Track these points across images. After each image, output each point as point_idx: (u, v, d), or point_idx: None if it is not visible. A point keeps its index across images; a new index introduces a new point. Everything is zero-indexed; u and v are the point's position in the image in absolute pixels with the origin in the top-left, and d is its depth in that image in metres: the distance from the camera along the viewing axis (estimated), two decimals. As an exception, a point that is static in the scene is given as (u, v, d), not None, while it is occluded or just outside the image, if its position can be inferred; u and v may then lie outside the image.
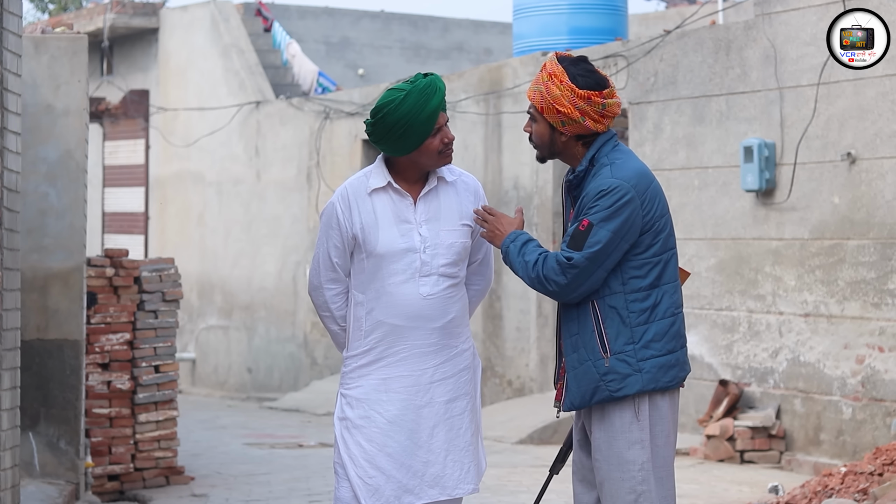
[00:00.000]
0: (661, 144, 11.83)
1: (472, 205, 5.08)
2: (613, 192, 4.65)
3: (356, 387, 5.02)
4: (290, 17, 21.10)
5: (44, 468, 8.58)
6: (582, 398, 4.72)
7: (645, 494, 4.70)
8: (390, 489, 4.92)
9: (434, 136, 4.93)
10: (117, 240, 19.60)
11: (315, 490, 9.56)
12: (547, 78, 4.75)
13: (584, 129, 4.74)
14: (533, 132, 4.84)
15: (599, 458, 4.75)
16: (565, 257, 4.66)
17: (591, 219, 4.64)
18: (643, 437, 4.71)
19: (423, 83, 4.92)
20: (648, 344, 4.69)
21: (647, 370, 4.69)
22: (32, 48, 8.72)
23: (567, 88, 4.70)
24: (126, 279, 9.52)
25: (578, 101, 4.70)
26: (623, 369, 4.68)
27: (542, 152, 4.87)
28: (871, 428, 9.92)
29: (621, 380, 4.68)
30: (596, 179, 4.71)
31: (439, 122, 4.93)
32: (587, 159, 4.75)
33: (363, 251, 4.99)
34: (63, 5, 27.81)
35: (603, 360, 4.68)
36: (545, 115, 4.76)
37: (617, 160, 4.74)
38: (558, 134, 4.77)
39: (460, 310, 5.05)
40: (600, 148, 4.76)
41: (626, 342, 4.68)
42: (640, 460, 4.71)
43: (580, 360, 4.72)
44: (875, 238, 9.96)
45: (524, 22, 14.13)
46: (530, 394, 13.28)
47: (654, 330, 4.70)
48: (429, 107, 4.89)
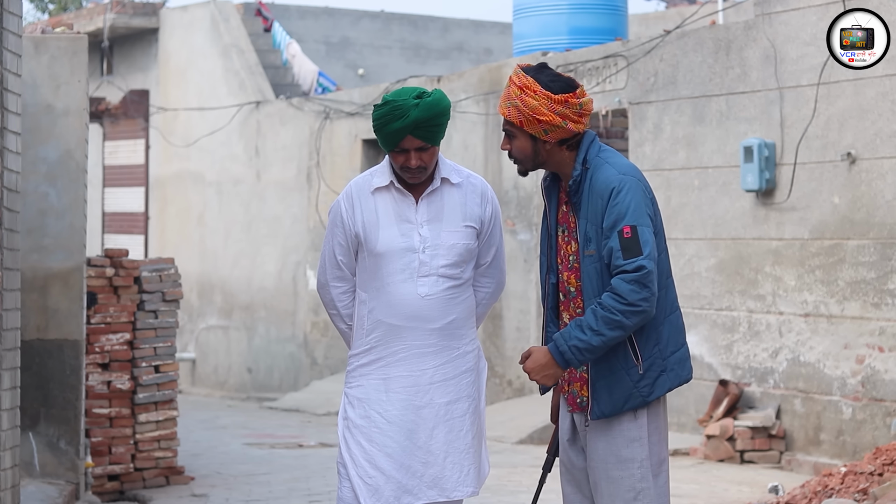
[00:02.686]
0: (661, 144, 11.83)
1: (479, 206, 5.05)
2: (626, 188, 4.63)
3: (357, 386, 5.03)
4: (290, 17, 21.10)
5: (44, 468, 8.58)
6: (614, 406, 4.68)
7: (644, 492, 4.69)
8: (389, 489, 4.92)
9: (398, 154, 4.91)
10: (117, 240, 19.60)
11: (315, 490, 9.56)
12: (519, 91, 4.69)
13: (566, 133, 4.70)
14: (513, 148, 4.75)
15: (596, 458, 4.74)
16: (634, 268, 4.54)
17: (629, 222, 4.58)
18: (641, 435, 4.71)
19: (399, 102, 4.86)
20: (668, 341, 4.69)
21: (672, 367, 4.69)
22: (32, 48, 8.72)
23: (543, 97, 4.66)
24: (126, 279, 9.51)
25: (557, 106, 4.66)
26: (654, 372, 4.67)
27: (527, 165, 4.77)
28: (871, 428, 9.92)
29: (653, 383, 4.67)
30: (600, 178, 4.67)
31: (405, 144, 4.87)
32: (579, 163, 4.71)
33: (365, 250, 4.99)
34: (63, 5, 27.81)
35: (636, 367, 4.65)
36: (526, 128, 4.69)
37: (609, 158, 4.72)
38: (541, 143, 4.71)
39: (463, 311, 5.03)
40: (588, 149, 4.73)
41: (654, 344, 4.67)
42: (639, 458, 4.70)
43: (611, 370, 4.67)
44: (875, 238, 9.96)
45: (524, 22, 14.13)
46: (530, 394, 13.28)
47: (669, 326, 4.71)
48: (391, 126, 4.85)
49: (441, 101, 4.92)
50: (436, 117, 4.89)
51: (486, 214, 5.07)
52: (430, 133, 4.89)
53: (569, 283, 4.80)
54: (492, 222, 5.09)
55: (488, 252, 5.12)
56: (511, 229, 13.61)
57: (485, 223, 5.07)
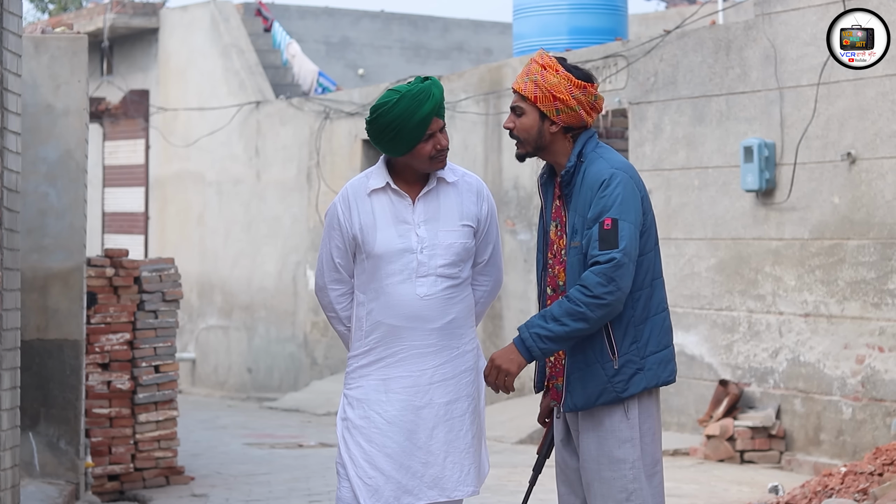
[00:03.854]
0: (661, 144, 11.83)
1: (475, 205, 5.05)
2: (616, 181, 4.64)
3: (357, 387, 5.02)
4: (290, 17, 21.10)
5: (44, 468, 8.58)
6: (587, 400, 4.69)
7: (636, 493, 4.69)
8: (389, 490, 4.92)
9: (426, 142, 4.92)
10: (117, 240, 19.60)
11: (315, 490, 9.56)
12: (540, 68, 4.75)
13: (576, 119, 4.73)
14: (517, 126, 4.77)
15: (588, 459, 4.73)
16: (606, 260, 4.56)
17: (612, 215, 4.59)
18: (633, 436, 4.70)
19: (417, 88, 4.90)
20: (648, 341, 4.69)
21: (649, 367, 4.69)
22: (32, 48, 8.72)
23: (564, 77, 4.73)
24: (126, 279, 9.52)
25: (575, 89, 4.72)
26: (629, 369, 4.67)
27: (527, 147, 4.78)
28: (871, 428, 9.92)
29: (628, 380, 4.66)
30: (591, 171, 4.69)
31: (432, 128, 4.90)
32: (574, 155, 4.73)
33: (363, 251, 4.99)
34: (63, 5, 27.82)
35: (612, 361, 4.66)
36: (539, 105, 4.72)
37: (605, 154, 4.74)
38: (548, 124, 4.73)
39: (462, 311, 5.03)
40: (585, 144, 4.76)
41: (632, 342, 4.67)
42: (630, 458, 4.69)
43: (587, 362, 4.69)
44: (875, 238, 9.96)
45: (524, 22, 14.13)
46: (530, 394, 13.28)
47: (651, 326, 4.70)
48: (420, 113, 4.86)
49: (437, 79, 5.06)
50: (443, 93, 4.99)
51: (482, 212, 5.07)
52: (444, 110, 4.98)
53: (559, 277, 4.81)
54: (488, 220, 5.10)
55: (486, 250, 5.12)
56: (511, 229, 13.61)
57: (481, 221, 5.07)
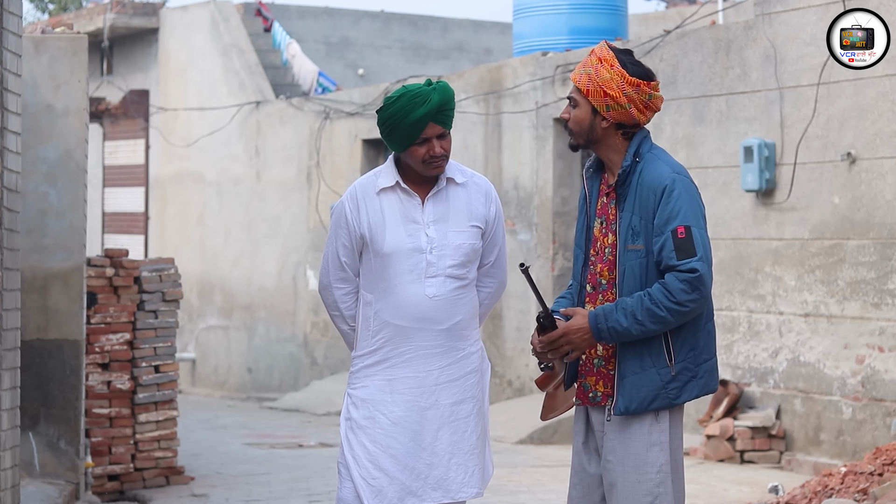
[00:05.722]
0: (660, 144, 11.75)
1: (483, 206, 5.03)
2: (681, 187, 4.60)
3: (361, 387, 5.01)
4: (290, 17, 21.11)
5: (44, 468, 8.58)
6: (640, 403, 4.63)
7: (662, 497, 4.65)
8: (393, 490, 4.91)
9: (420, 146, 4.89)
10: (117, 240, 19.60)
11: (315, 490, 9.56)
12: (596, 61, 4.68)
13: (627, 117, 4.67)
14: (571, 118, 4.72)
15: (613, 460, 4.69)
16: (688, 269, 4.52)
17: (683, 222, 4.55)
18: (663, 440, 4.67)
19: (416, 90, 4.87)
20: (703, 349, 4.66)
21: (702, 375, 4.66)
22: (32, 48, 8.72)
23: (617, 73, 4.65)
24: (126, 279, 9.52)
25: (627, 87, 4.65)
26: (685, 376, 4.64)
27: (579, 139, 4.73)
28: (871, 428, 9.92)
29: (682, 387, 4.63)
30: (652, 172, 4.64)
31: (427, 133, 4.86)
32: (630, 154, 4.68)
33: (371, 251, 4.97)
34: (63, 5, 27.82)
35: (668, 368, 4.61)
36: (590, 98, 4.67)
37: (662, 156, 4.70)
38: (600, 119, 4.68)
39: (468, 312, 5.02)
40: (641, 143, 4.71)
41: (690, 349, 4.63)
42: (658, 462, 4.66)
43: (643, 367, 4.63)
44: (875, 238, 9.96)
45: (524, 22, 14.13)
46: (530, 394, 13.29)
47: (706, 334, 4.68)
48: (413, 115, 4.84)
49: (449, 86, 4.99)
50: (451, 100, 4.93)
51: (490, 214, 5.06)
52: (447, 118, 4.92)
53: (601, 275, 4.73)
54: (496, 222, 5.09)
55: (492, 252, 5.10)
56: (511, 229, 13.61)
57: (489, 223, 5.06)
